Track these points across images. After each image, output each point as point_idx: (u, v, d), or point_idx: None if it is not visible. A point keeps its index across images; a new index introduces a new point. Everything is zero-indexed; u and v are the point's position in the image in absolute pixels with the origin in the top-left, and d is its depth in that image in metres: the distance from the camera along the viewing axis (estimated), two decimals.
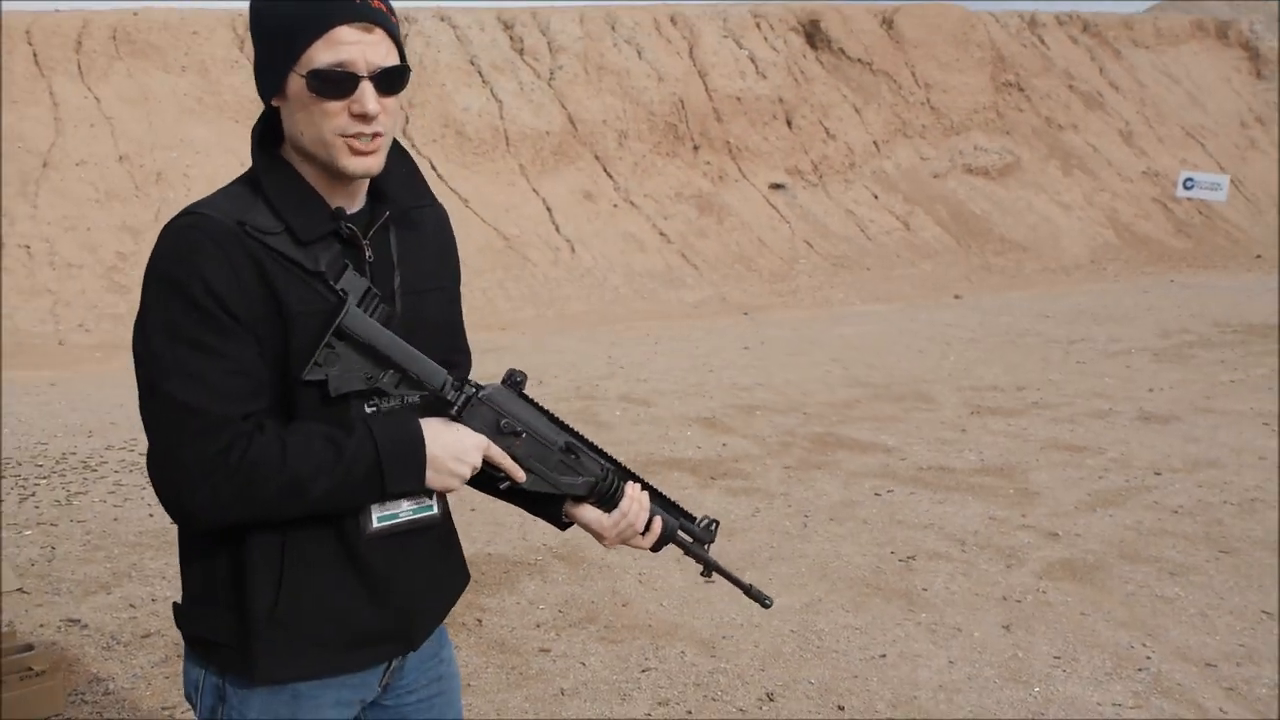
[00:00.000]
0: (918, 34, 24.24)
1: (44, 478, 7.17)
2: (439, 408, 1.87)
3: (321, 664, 1.87)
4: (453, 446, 1.84)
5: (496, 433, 1.88)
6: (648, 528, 2.07)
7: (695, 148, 20.88)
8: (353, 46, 1.73)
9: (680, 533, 2.10)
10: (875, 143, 22.48)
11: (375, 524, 1.86)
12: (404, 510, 1.90)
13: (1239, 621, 4.92)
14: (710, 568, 2.11)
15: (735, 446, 7.97)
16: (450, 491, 1.89)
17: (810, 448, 7.94)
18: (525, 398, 1.92)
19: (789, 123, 22.04)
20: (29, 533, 6.07)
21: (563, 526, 2.12)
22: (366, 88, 1.74)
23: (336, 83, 1.73)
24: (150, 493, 6.78)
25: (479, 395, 1.87)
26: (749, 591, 2.13)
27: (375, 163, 1.81)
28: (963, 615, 4.98)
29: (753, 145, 21.33)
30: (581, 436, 1.99)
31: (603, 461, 2.00)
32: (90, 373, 11.38)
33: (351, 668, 1.91)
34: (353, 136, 1.76)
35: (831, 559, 5.69)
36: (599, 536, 2.06)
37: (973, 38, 24.66)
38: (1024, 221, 21.72)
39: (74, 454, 7.75)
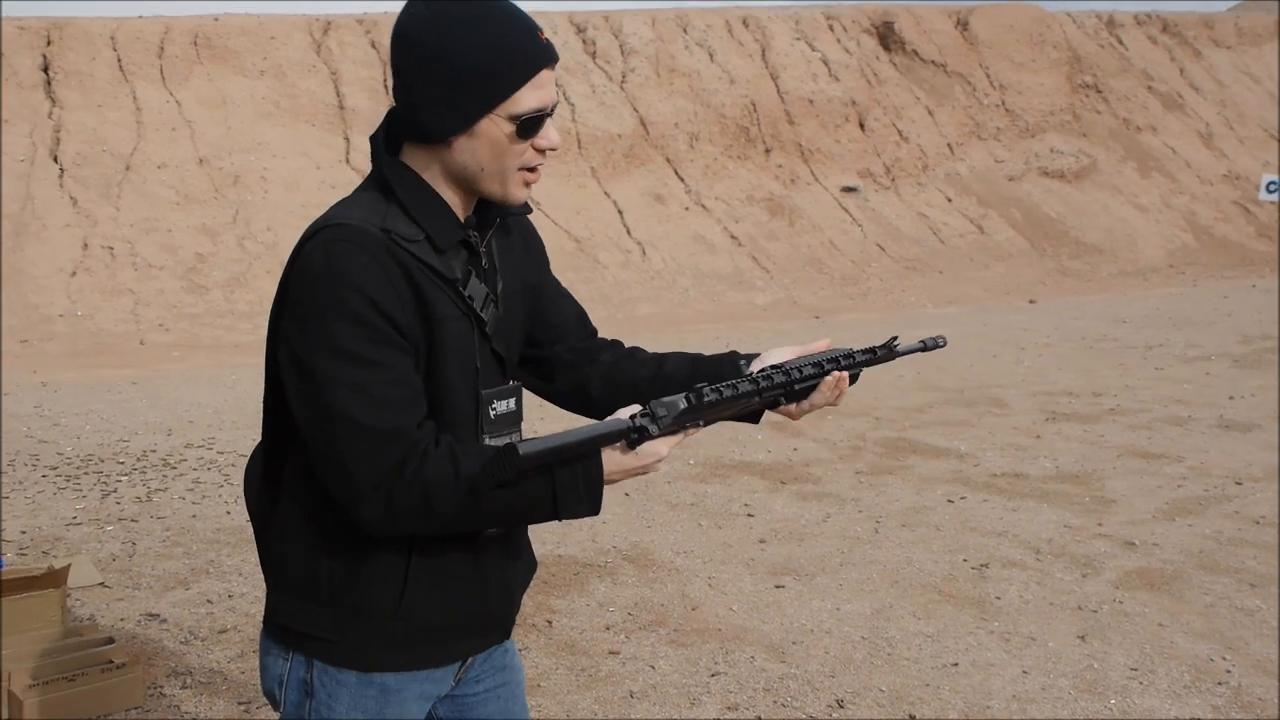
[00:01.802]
0: (992, 34, 23.97)
1: (125, 474, 7.33)
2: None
3: (431, 656, 1.94)
4: (630, 462, 1.83)
5: (683, 433, 1.88)
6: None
7: (767, 150, 20.82)
8: (548, 89, 1.79)
9: (864, 368, 2.12)
10: (949, 145, 22.27)
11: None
12: None
13: None
14: (895, 356, 2.16)
15: (806, 451, 7.94)
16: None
17: (881, 452, 7.89)
18: (695, 394, 1.87)
19: (861, 125, 21.91)
20: (110, 528, 6.21)
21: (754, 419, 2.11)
22: (549, 124, 1.82)
23: (537, 125, 1.79)
24: (228, 490, 6.90)
25: (660, 415, 1.83)
26: (927, 346, 2.21)
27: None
28: (1037, 624, 4.91)
29: (825, 147, 21.23)
30: (749, 374, 1.98)
31: (761, 381, 1.97)
32: (169, 371, 11.60)
33: (456, 658, 1.98)
34: (530, 170, 1.83)
35: (903, 565, 5.65)
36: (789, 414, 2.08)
37: (1048, 38, 24.34)
38: (1100, 224, 21.39)
39: (154, 451, 7.91)
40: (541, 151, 1.82)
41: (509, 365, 1.96)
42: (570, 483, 1.78)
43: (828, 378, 2.02)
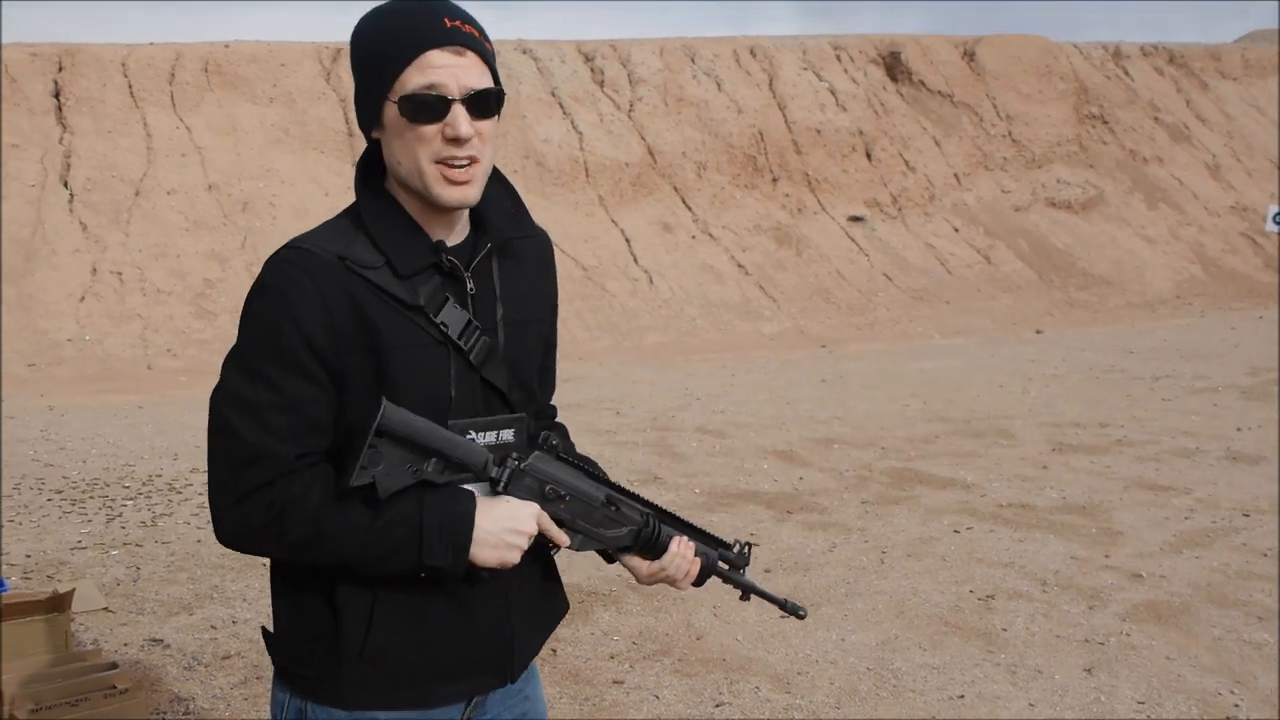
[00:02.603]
0: (999, 65, 24.06)
1: (130, 499, 7.32)
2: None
3: (412, 696, 1.87)
4: (504, 520, 1.81)
5: (542, 499, 1.88)
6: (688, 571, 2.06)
7: (774, 180, 20.87)
8: (443, 70, 1.74)
9: (720, 563, 2.12)
10: (956, 175, 22.32)
11: None
12: None
13: None
14: (747, 591, 2.14)
15: (812, 480, 7.92)
16: (510, 565, 1.84)
17: (888, 483, 7.87)
18: (563, 459, 1.93)
19: (868, 155, 21.96)
20: (115, 553, 6.20)
21: (610, 560, 2.10)
22: (459, 110, 1.75)
23: (428, 106, 1.73)
24: None
25: (521, 466, 1.86)
26: (784, 606, 2.17)
27: (472, 193, 1.80)
28: (1043, 657, 4.88)
29: (832, 177, 21.28)
30: (619, 487, 2.00)
31: (641, 509, 2.00)
32: (177, 397, 11.61)
33: (444, 700, 1.91)
34: (447, 163, 1.76)
35: (909, 596, 5.62)
36: (635, 575, 2.05)
37: (1055, 69, 24.42)
38: (1107, 256, 21.40)
39: (160, 476, 7.91)
40: (457, 142, 1.75)
41: (515, 395, 1.91)
42: (435, 527, 1.76)
43: (678, 541, 2.02)
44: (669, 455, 8.65)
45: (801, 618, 2.17)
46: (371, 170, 1.88)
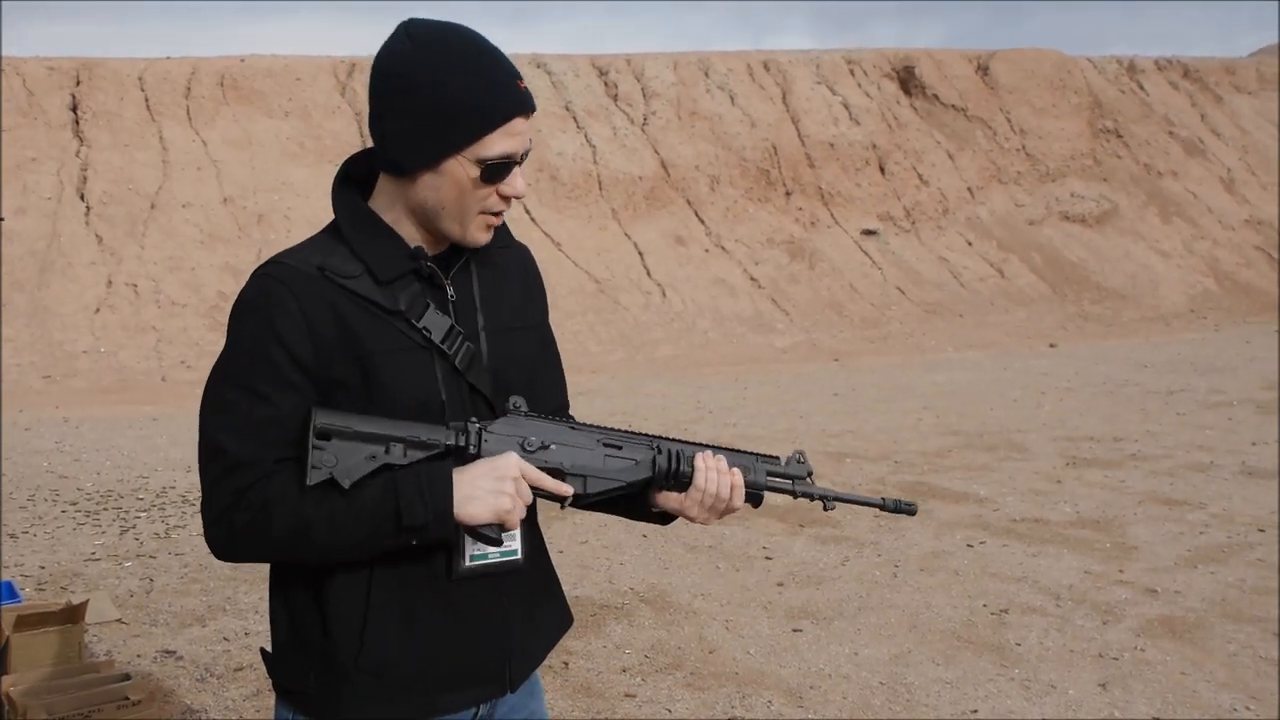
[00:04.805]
0: (1013, 80, 24.05)
1: (144, 511, 7.34)
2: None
3: (411, 707, 1.86)
4: (483, 469, 1.78)
5: (522, 452, 1.82)
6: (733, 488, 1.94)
7: (787, 193, 20.88)
8: (520, 138, 1.80)
9: (772, 479, 1.96)
10: (969, 189, 22.30)
11: (468, 563, 1.85)
12: (493, 552, 1.89)
13: None
14: (826, 499, 1.97)
15: None
16: (506, 519, 1.78)
17: (901, 496, 7.84)
18: (534, 416, 1.86)
19: (882, 169, 21.96)
20: (129, 564, 6.22)
21: (663, 521, 2.02)
22: (517, 172, 1.82)
23: (504, 171, 1.79)
24: None
25: (488, 427, 1.81)
26: (884, 506, 2.01)
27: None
28: (1057, 672, 4.86)
29: (845, 191, 21.28)
30: (615, 429, 1.91)
31: (650, 440, 1.91)
32: (191, 409, 11.63)
33: (445, 709, 1.90)
34: (493, 214, 1.83)
35: (922, 610, 5.60)
36: (691, 518, 1.96)
37: (1070, 84, 24.40)
38: (1121, 269, 21.35)
39: (173, 488, 7.93)
40: (506, 199, 1.83)
41: (500, 401, 1.89)
42: (412, 488, 1.73)
43: (702, 456, 1.91)
44: None
45: (913, 513, 2.01)
46: (348, 185, 1.90)
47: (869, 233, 20.69)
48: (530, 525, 1.96)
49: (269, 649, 1.95)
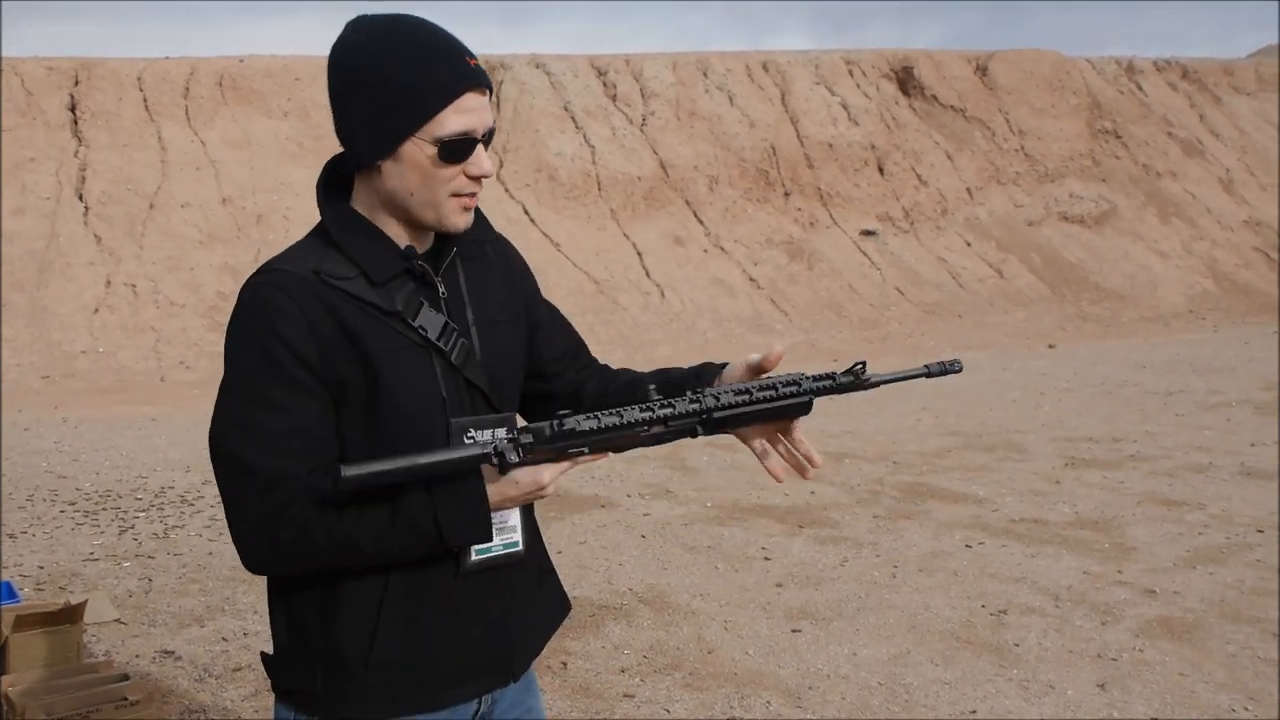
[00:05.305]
0: (1012, 80, 24.06)
1: (143, 511, 7.34)
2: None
3: (417, 702, 1.88)
4: (510, 491, 1.76)
5: (570, 460, 1.77)
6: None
7: (786, 194, 20.89)
8: (474, 113, 1.77)
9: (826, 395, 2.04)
10: (968, 189, 22.31)
11: (474, 558, 1.86)
12: (496, 545, 1.90)
13: None
14: (879, 384, 2.04)
15: (823, 494, 7.90)
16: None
17: (899, 497, 7.85)
18: (559, 421, 1.75)
19: (881, 169, 21.97)
20: (127, 564, 6.21)
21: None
22: (481, 150, 1.79)
23: (463, 149, 1.77)
24: None
25: (523, 440, 1.72)
26: (930, 373, 2.06)
27: (474, 214, 1.87)
28: (1056, 672, 4.87)
29: (844, 192, 21.29)
30: (660, 401, 1.83)
31: (690, 406, 1.86)
32: (189, 409, 11.65)
33: (450, 702, 1.91)
34: (466, 195, 1.81)
35: (920, 611, 5.60)
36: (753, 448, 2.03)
37: (1068, 84, 24.42)
38: (1120, 270, 21.36)
39: (172, 488, 7.93)
40: (475, 179, 1.81)
41: (497, 395, 1.91)
42: (454, 509, 1.74)
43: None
44: (680, 469, 8.64)
45: (959, 370, 2.08)
46: (332, 186, 1.90)
47: (868, 233, 20.70)
48: (527, 513, 1.97)
49: (269, 651, 1.95)
